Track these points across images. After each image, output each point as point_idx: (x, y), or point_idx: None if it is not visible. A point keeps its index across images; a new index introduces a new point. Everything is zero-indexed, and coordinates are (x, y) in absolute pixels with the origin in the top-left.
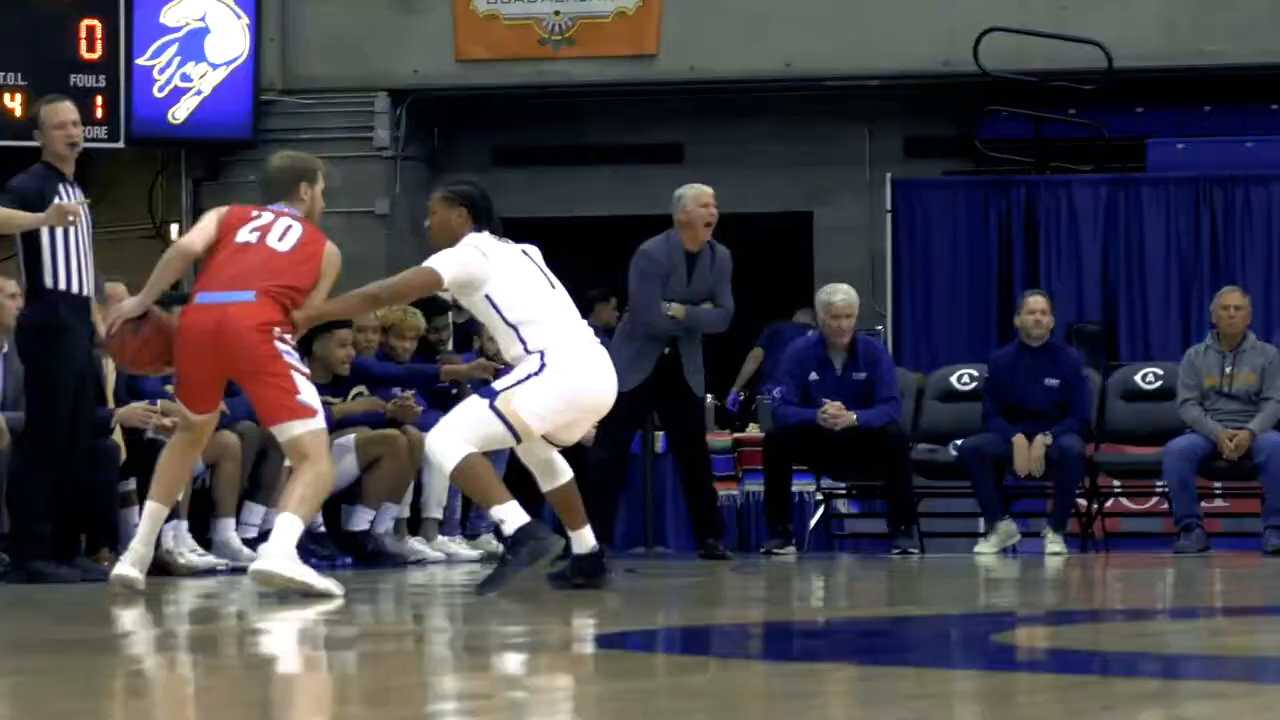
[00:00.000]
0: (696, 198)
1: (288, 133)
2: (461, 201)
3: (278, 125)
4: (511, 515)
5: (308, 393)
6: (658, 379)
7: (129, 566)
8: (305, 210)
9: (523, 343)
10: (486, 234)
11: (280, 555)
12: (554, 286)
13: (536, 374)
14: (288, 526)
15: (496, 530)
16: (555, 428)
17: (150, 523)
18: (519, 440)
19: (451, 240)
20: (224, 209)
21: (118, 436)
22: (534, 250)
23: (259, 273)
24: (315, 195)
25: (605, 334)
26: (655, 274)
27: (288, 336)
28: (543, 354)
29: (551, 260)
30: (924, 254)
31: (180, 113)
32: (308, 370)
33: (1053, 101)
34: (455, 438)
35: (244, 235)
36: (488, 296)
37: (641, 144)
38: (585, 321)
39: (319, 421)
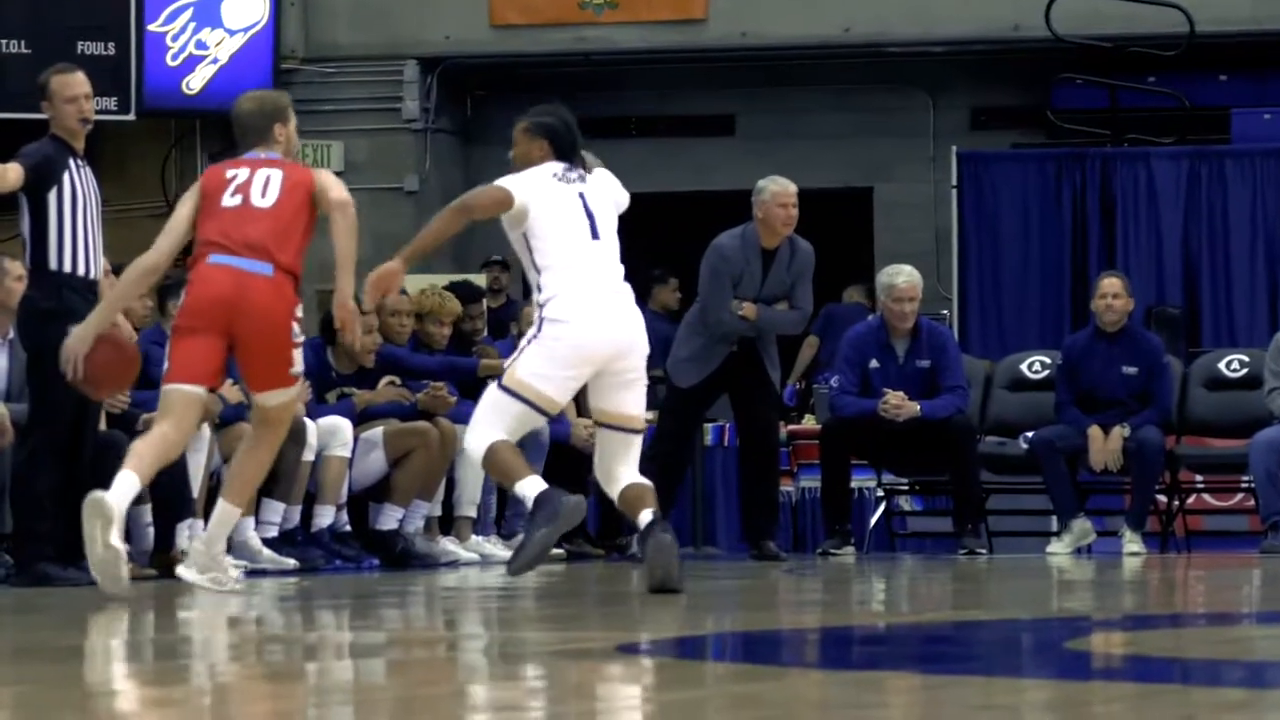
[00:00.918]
0: (776, 196)
1: (310, 104)
2: (543, 133)
3: (299, 96)
4: (530, 487)
5: (299, 363)
6: (729, 369)
7: (194, 572)
8: (283, 150)
9: (539, 289)
10: (556, 166)
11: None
12: (597, 236)
13: (535, 337)
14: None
15: None
16: (572, 388)
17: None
18: (544, 413)
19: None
20: (196, 184)
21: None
22: (601, 190)
23: (264, 240)
24: (290, 133)
25: (665, 318)
26: (726, 272)
27: (299, 318)
28: (543, 307)
29: None
30: (992, 232)
31: (195, 82)
32: (301, 339)
33: (1130, 68)
34: (484, 429)
35: (226, 199)
36: (524, 235)
37: (689, 115)
38: (619, 276)
39: (297, 388)
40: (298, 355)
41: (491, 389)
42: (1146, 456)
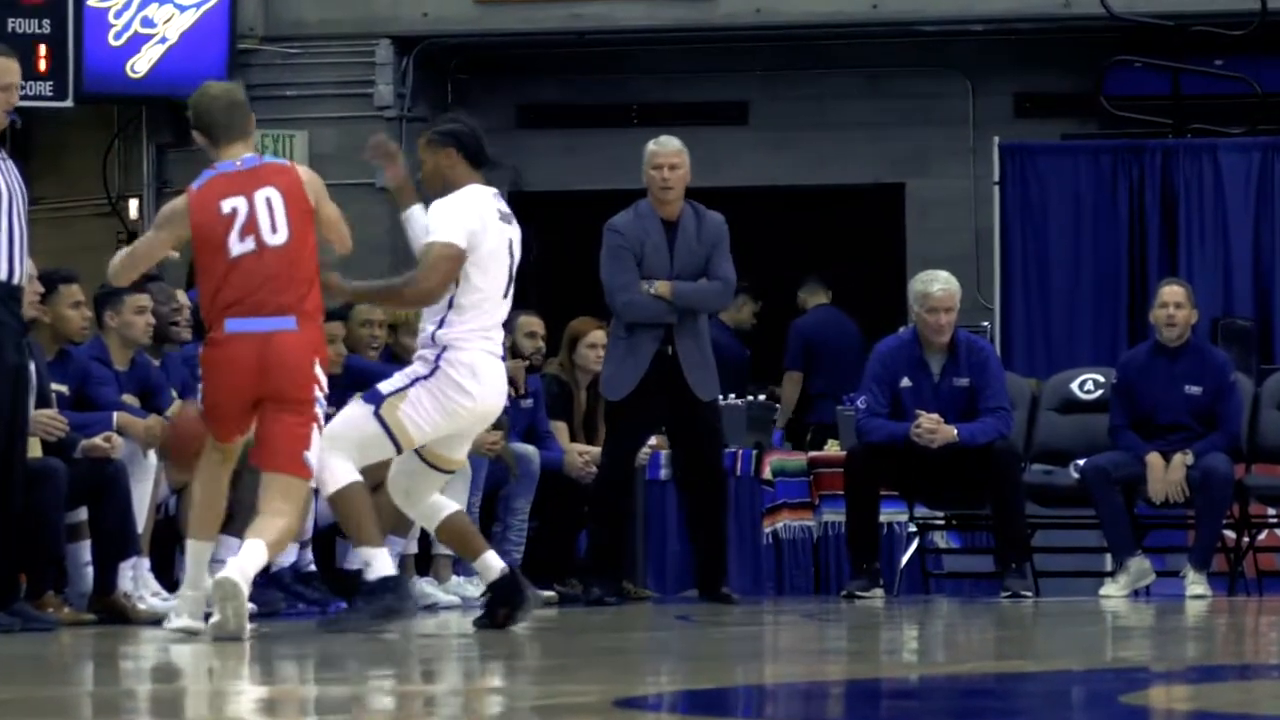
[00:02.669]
0: (652, 157)
1: (271, 89)
2: (448, 141)
3: (259, 79)
4: (379, 562)
5: (314, 451)
6: (658, 384)
7: (186, 618)
8: (253, 141)
9: (439, 325)
10: (498, 202)
11: (248, 576)
12: (512, 280)
13: (425, 378)
14: (257, 553)
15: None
16: (434, 441)
17: (195, 564)
18: (398, 450)
19: (447, 187)
20: (180, 211)
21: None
22: (516, 234)
23: (286, 287)
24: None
25: (736, 337)
26: (624, 248)
27: (322, 376)
28: (442, 352)
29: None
30: (1038, 234)
31: (141, 65)
32: (324, 418)
33: (1194, 50)
34: (341, 456)
35: (237, 245)
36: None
37: (697, 102)
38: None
39: (309, 484)
40: (315, 438)
41: (360, 406)
42: (1212, 487)
